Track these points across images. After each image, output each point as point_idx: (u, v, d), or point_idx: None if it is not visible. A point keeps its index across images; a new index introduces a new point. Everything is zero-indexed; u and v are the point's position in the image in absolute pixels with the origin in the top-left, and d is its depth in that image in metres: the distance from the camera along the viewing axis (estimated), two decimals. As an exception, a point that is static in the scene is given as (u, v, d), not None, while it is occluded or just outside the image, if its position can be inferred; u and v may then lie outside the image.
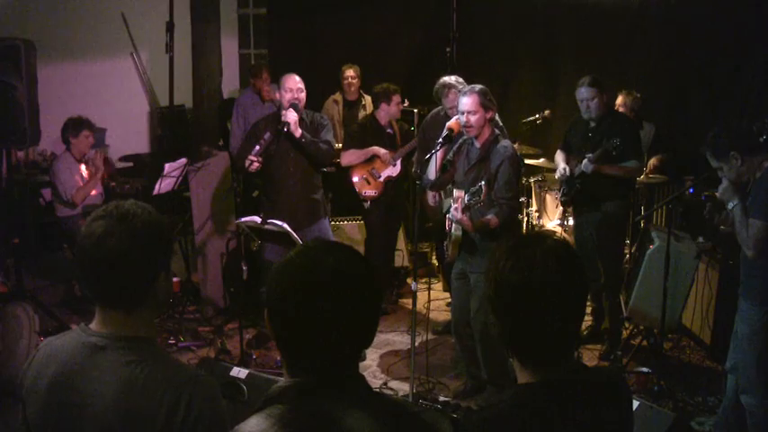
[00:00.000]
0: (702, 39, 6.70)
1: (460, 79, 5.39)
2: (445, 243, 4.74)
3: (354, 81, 7.31)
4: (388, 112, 6.14)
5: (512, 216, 4.51)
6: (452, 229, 4.47)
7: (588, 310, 5.71)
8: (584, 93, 5.15)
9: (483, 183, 4.22)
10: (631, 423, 1.77)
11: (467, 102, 4.41)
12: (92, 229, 1.75)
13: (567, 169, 5.33)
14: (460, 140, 4.60)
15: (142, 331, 1.80)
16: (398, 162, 6.16)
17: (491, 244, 4.42)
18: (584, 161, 5.11)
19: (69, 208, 6.19)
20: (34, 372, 1.82)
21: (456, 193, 4.44)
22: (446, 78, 5.48)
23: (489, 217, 4.35)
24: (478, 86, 4.47)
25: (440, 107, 5.63)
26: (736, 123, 3.87)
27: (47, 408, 1.77)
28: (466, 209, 4.34)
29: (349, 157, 6.14)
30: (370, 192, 6.18)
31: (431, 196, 5.51)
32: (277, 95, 5.27)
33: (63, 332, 1.90)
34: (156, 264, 1.81)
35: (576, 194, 5.36)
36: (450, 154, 4.59)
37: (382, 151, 6.10)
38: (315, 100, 6.24)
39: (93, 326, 1.81)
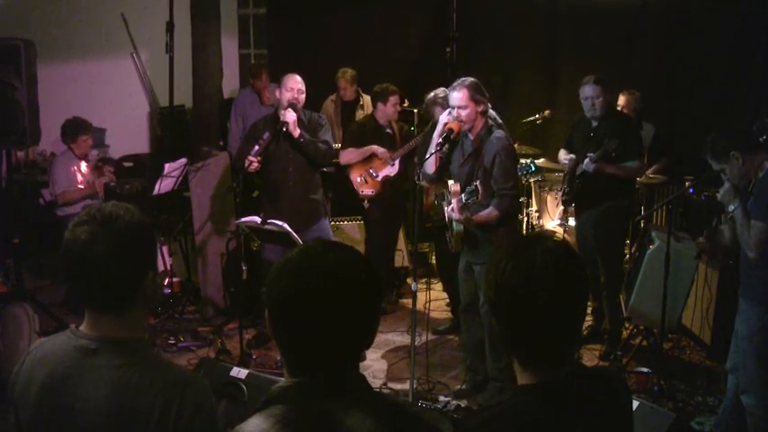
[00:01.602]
0: (703, 38, 6.70)
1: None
2: (447, 234, 4.74)
3: (347, 89, 7.32)
4: (385, 112, 6.14)
5: (513, 205, 4.51)
6: (453, 224, 4.48)
7: (588, 309, 5.71)
8: (588, 91, 5.16)
9: (478, 183, 4.24)
10: (631, 423, 1.77)
11: (457, 96, 4.40)
12: (76, 234, 1.73)
13: (574, 158, 5.32)
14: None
15: (133, 333, 1.79)
16: (397, 162, 6.16)
17: (492, 235, 4.43)
18: (586, 161, 5.11)
19: (68, 206, 6.22)
20: (25, 375, 1.81)
21: (452, 185, 4.45)
22: (432, 94, 5.48)
23: (489, 210, 4.36)
24: (469, 80, 4.45)
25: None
26: (734, 123, 3.88)
27: (39, 411, 1.76)
28: (464, 208, 4.34)
29: (347, 156, 6.15)
30: (367, 191, 6.19)
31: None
32: (277, 94, 5.27)
33: (52, 335, 1.88)
34: (144, 263, 1.80)
35: (577, 194, 5.36)
36: (445, 147, 4.58)
37: (380, 150, 6.11)
38: (314, 100, 6.24)
39: (83, 328, 1.80)
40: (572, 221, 6.16)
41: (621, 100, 6.34)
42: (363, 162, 6.17)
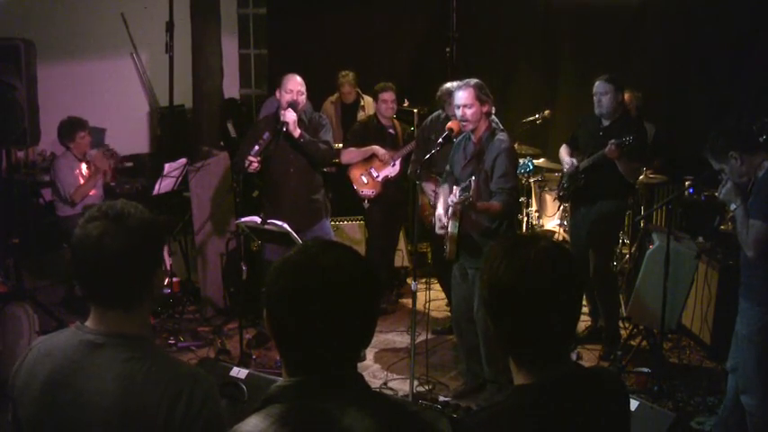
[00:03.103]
0: (702, 38, 6.70)
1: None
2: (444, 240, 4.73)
3: (350, 92, 7.31)
4: (378, 110, 6.18)
5: (512, 204, 4.46)
6: (449, 227, 4.46)
7: (586, 310, 5.71)
8: (598, 86, 5.18)
9: (473, 179, 4.23)
10: (628, 424, 1.77)
11: (462, 95, 4.40)
12: (87, 231, 1.74)
13: (575, 162, 5.32)
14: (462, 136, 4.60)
15: (139, 328, 1.81)
16: (397, 162, 6.16)
17: (488, 240, 4.42)
18: (609, 146, 5.04)
19: (69, 206, 6.20)
20: (27, 371, 1.81)
21: (455, 189, 4.45)
22: (448, 84, 5.45)
23: (491, 202, 4.34)
24: (474, 80, 4.46)
25: (440, 111, 5.64)
26: (734, 123, 3.87)
27: (43, 406, 1.76)
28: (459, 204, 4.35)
29: (348, 156, 6.16)
30: (367, 191, 6.19)
31: (429, 189, 5.48)
32: (277, 95, 5.28)
33: (54, 332, 1.89)
34: (154, 260, 1.82)
35: (576, 190, 5.36)
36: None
37: (381, 151, 6.11)
38: (314, 101, 6.24)
39: (89, 324, 1.81)
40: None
41: (625, 97, 6.33)
42: (364, 162, 6.18)
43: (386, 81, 6.24)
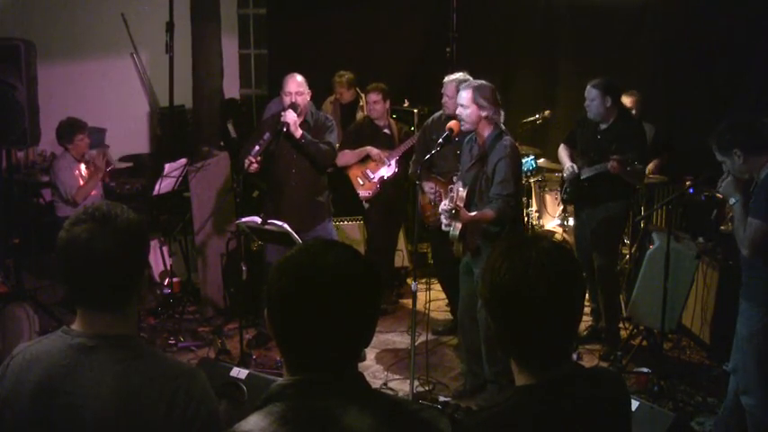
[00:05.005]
0: (703, 38, 6.70)
1: (467, 76, 5.27)
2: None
3: (343, 93, 7.31)
4: (368, 110, 6.19)
5: (507, 211, 4.40)
6: (451, 229, 4.47)
7: (587, 310, 5.71)
8: (586, 91, 5.17)
9: (459, 187, 4.28)
10: (629, 424, 1.77)
11: (462, 95, 4.43)
12: (75, 234, 1.73)
13: (575, 167, 5.31)
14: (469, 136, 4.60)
15: (128, 329, 1.81)
16: (393, 162, 6.15)
17: (490, 243, 4.42)
18: (611, 162, 5.02)
19: (70, 207, 6.19)
20: (12, 379, 1.78)
21: (456, 186, 4.46)
22: (452, 76, 5.38)
23: (484, 210, 4.34)
24: (478, 82, 4.46)
25: (441, 111, 5.62)
26: (743, 120, 3.85)
27: (35, 413, 1.74)
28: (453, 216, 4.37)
29: (343, 158, 6.16)
30: (364, 192, 6.19)
31: (428, 188, 5.45)
32: (281, 95, 5.28)
33: (37, 338, 1.87)
34: (143, 260, 1.83)
35: (579, 194, 5.36)
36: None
37: (375, 152, 6.11)
38: (315, 100, 6.24)
39: (76, 327, 1.80)
40: (571, 221, 6.16)
41: (626, 101, 6.33)
42: (360, 163, 6.18)
43: (385, 81, 6.24)
